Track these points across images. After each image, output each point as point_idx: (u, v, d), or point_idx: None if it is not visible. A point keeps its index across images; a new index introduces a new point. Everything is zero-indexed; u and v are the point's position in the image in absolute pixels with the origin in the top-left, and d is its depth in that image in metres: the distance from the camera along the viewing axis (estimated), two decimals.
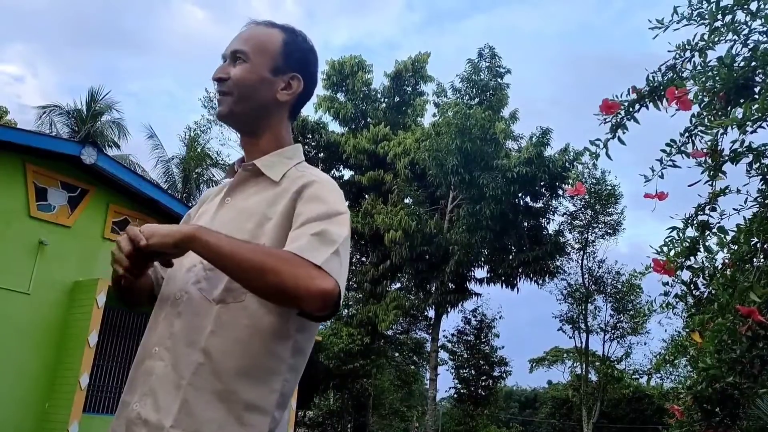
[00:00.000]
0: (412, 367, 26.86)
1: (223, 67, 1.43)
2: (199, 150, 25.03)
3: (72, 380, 8.33)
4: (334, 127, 24.88)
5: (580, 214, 24.11)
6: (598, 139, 2.98)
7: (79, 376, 8.28)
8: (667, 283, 3.17)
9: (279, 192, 1.35)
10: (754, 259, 2.80)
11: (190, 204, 22.50)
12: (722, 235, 2.85)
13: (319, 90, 25.44)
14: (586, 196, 22.86)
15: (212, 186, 24.85)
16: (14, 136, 8.72)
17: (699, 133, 2.88)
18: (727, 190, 2.86)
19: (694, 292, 3.23)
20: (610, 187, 23.65)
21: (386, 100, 24.98)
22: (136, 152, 46.42)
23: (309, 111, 25.13)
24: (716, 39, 2.83)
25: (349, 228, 1.33)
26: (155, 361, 1.26)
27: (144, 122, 48.85)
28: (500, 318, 24.22)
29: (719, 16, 2.80)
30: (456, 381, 24.03)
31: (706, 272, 3.10)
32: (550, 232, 21.50)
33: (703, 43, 2.86)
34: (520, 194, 19.99)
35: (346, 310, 23.16)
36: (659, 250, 2.88)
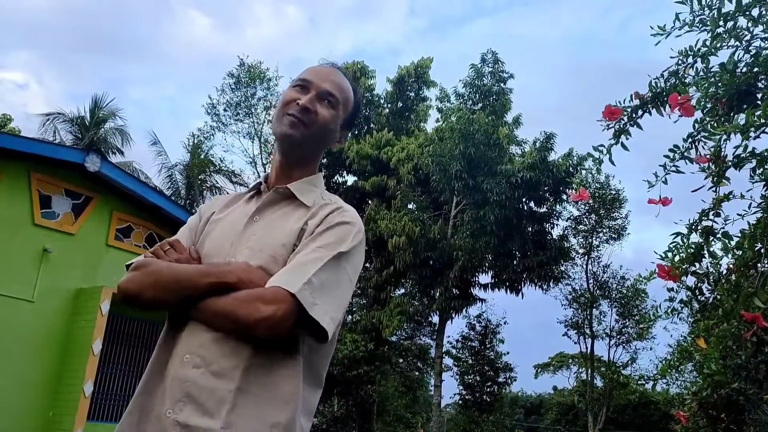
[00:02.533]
0: (417, 373, 26.80)
1: (311, 99, 1.53)
2: (202, 156, 25.10)
3: (76, 388, 8.33)
4: None
5: (585, 219, 24.07)
6: (601, 145, 2.99)
7: (83, 383, 8.29)
8: (672, 289, 3.16)
9: (305, 215, 1.47)
10: (759, 265, 2.79)
11: (193, 211, 22.50)
12: (726, 241, 2.85)
13: None
14: (591, 201, 22.82)
15: (216, 192, 25.02)
16: (19, 144, 8.76)
17: (702, 138, 2.88)
18: (730, 196, 2.86)
19: (698, 297, 3.22)
20: (614, 192, 23.62)
21: (389, 105, 25.02)
22: (139, 159, 46.61)
23: None
24: (718, 45, 2.83)
25: (354, 245, 1.43)
26: (188, 368, 1.31)
27: (148, 129, 49.01)
28: (505, 323, 24.17)
29: (721, 23, 2.80)
30: (461, 387, 23.96)
31: (711, 278, 3.09)
32: (554, 237, 21.44)
33: (706, 49, 2.86)
34: (524, 199, 19.95)
35: (350, 317, 23.15)
36: (664, 255, 2.88)
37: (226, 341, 1.30)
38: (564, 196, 20.36)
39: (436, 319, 22.09)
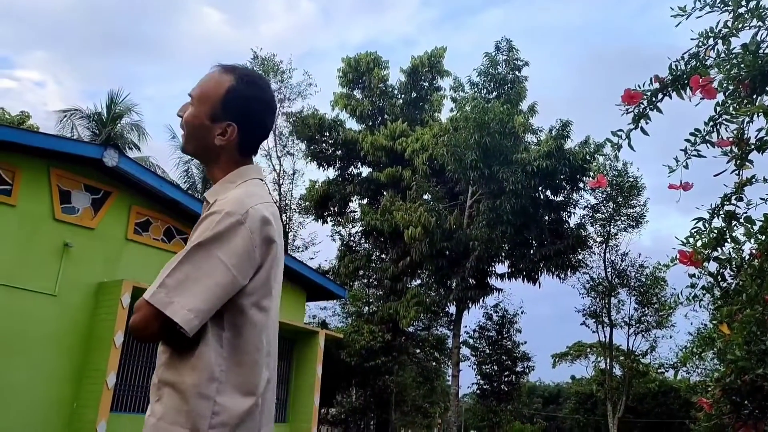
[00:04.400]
0: (434, 363, 26.82)
1: (184, 105, 1.64)
2: None
3: (99, 380, 8.45)
4: (351, 124, 24.92)
5: (602, 207, 23.83)
6: (620, 130, 2.95)
7: (105, 375, 8.40)
8: (693, 275, 3.12)
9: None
10: None
11: None
12: (749, 225, 2.81)
13: (336, 87, 25.52)
14: (608, 189, 22.59)
15: None
16: (38, 141, 8.86)
17: (724, 122, 2.83)
18: (753, 180, 2.81)
19: (721, 283, 3.18)
20: (632, 179, 23.36)
21: (403, 96, 24.94)
22: (155, 154, 46.97)
23: (326, 109, 25.22)
24: (740, 25, 2.77)
25: (219, 230, 1.44)
26: None
27: (166, 124, 49.34)
28: (522, 313, 24.12)
29: (743, 2, 2.75)
30: (478, 377, 23.97)
31: (734, 263, 3.05)
32: (571, 225, 21.29)
33: (727, 30, 2.81)
34: (540, 188, 19.81)
35: (366, 308, 23.20)
36: (685, 241, 2.84)
37: (161, 345, 1.51)
38: (581, 184, 20.19)
39: (452, 309, 22.08)
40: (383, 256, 23.76)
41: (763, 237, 2.84)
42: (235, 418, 1.42)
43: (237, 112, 1.59)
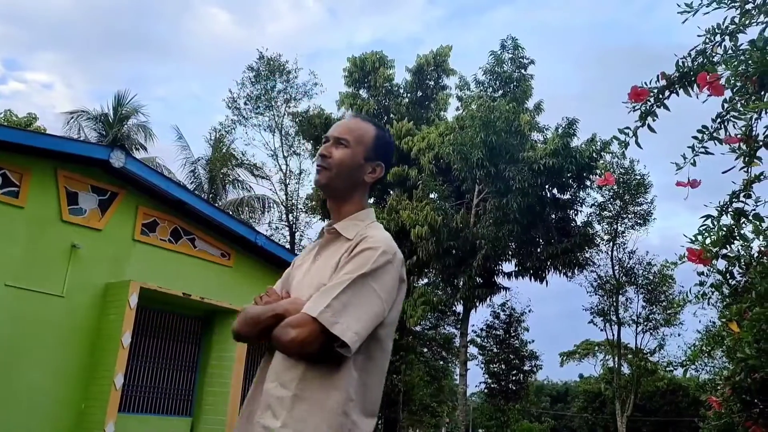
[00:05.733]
0: (442, 362, 26.82)
1: (328, 146, 1.85)
2: (224, 151, 25.26)
3: (107, 380, 8.47)
4: None
5: (609, 205, 23.78)
6: (627, 128, 2.93)
7: (113, 376, 8.42)
8: (702, 273, 3.10)
9: (346, 247, 1.73)
10: None
11: (217, 204, 22.75)
12: (758, 223, 2.79)
13: (341, 87, 25.54)
14: (615, 187, 22.52)
15: (238, 186, 25.18)
16: (45, 142, 8.89)
17: (732, 118, 2.81)
18: (762, 176, 2.79)
19: (729, 281, 3.15)
20: (639, 177, 23.28)
21: (409, 95, 24.92)
22: (162, 155, 47.06)
23: (331, 108, 25.23)
24: (747, 22, 2.75)
25: (378, 265, 1.65)
26: (269, 383, 1.66)
27: (172, 125, 49.47)
28: (529, 312, 24.09)
29: None
30: (486, 376, 23.95)
31: (742, 261, 3.03)
32: (578, 223, 21.23)
33: (734, 26, 2.79)
34: (547, 186, 19.76)
35: None
36: (694, 239, 2.82)
37: (288, 359, 1.63)
38: (588, 182, 20.13)
39: (460, 308, 22.05)
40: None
41: None
42: None
43: (383, 155, 1.90)
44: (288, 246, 24.36)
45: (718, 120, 2.83)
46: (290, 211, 26.25)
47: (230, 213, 17.89)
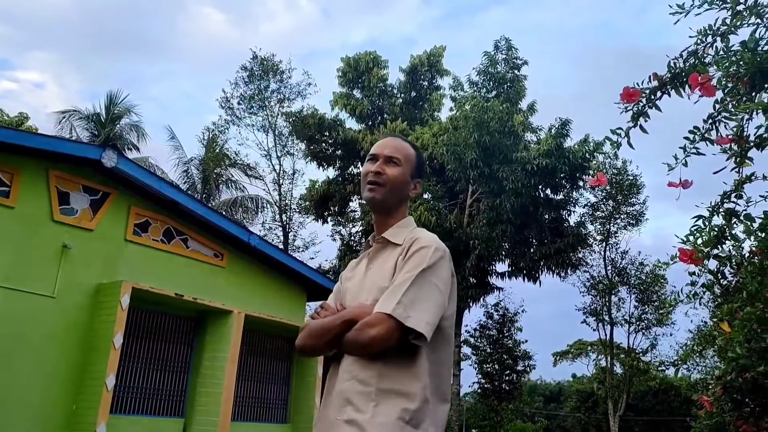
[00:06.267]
0: None
1: (380, 164, 1.99)
2: (217, 150, 25.19)
3: (99, 381, 8.43)
4: (351, 124, 24.90)
5: (602, 205, 23.86)
6: (619, 128, 2.94)
7: (105, 377, 8.38)
8: (693, 273, 3.11)
9: (399, 252, 1.89)
10: None
11: (210, 204, 22.68)
12: (749, 223, 2.80)
13: (335, 87, 25.52)
14: (608, 187, 22.59)
15: (231, 186, 25.07)
16: (36, 142, 8.84)
17: (723, 119, 2.82)
18: (753, 177, 2.80)
19: (721, 281, 3.17)
20: (631, 177, 23.37)
21: (402, 95, 24.92)
22: (154, 155, 46.91)
23: (326, 108, 25.18)
24: (739, 23, 2.76)
25: (434, 261, 1.81)
26: (344, 383, 1.77)
27: (165, 125, 49.33)
28: (523, 312, 24.09)
29: (741, 0, 2.74)
30: (479, 376, 23.95)
31: (734, 261, 3.04)
32: (571, 224, 21.30)
33: (726, 27, 2.80)
34: (540, 186, 19.81)
35: None
36: (685, 239, 2.83)
37: (360, 359, 1.75)
38: (580, 183, 20.19)
39: None
40: None
41: (763, 234, 2.83)
42: (441, 420, 1.78)
43: (421, 172, 2.09)
44: (281, 246, 24.33)
45: (710, 121, 2.84)
46: (284, 211, 26.20)
47: (223, 213, 17.84)
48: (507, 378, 23.44)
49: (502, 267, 21.99)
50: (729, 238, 2.86)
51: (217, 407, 9.74)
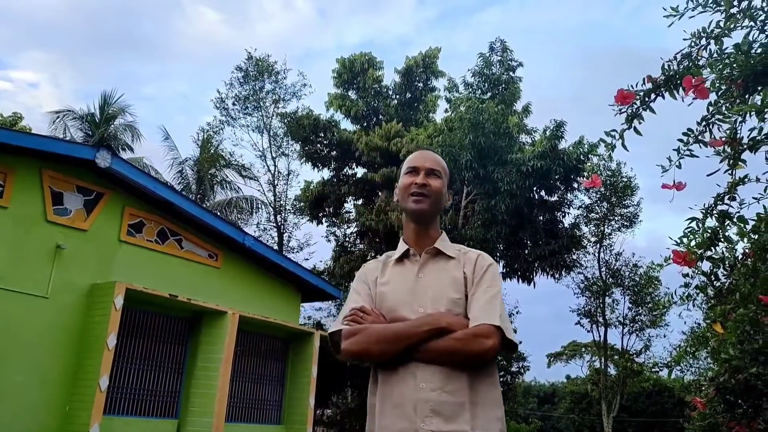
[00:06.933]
0: None
1: (424, 177, 2.08)
2: (212, 151, 25.14)
3: (92, 382, 8.40)
4: (346, 125, 24.89)
5: (596, 207, 23.89)
6: (613, 130, 2.94)
7: (98, 378, 8.36)
8: (687, 275, 3.12)
9: (456, 264, 2.01)
10: None
11: (205, 205, 22.63)
12: (742, 225, 2.81)
13: (330, 88, 25.50)
14: (602, 189, 22.65)
15: (226, 187, 24.99)
16: (30, 142, 8.81)
17: (716, 121, 2.83)
18: (746, 179, 2.81)
19: (714, 283, 3.18)
20: (625, 179, 23.42)
21: (397, 96, 24.92)
22: (149, 155, 46.74)
23: (320, 109, 25.17)
24: (732, 26, 2.77)
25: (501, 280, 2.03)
26: (428, 393, 1.79)
27: (159, 125, 49.19)
28: (517, 313, 24.12)
29: (735, 2, 2.75)
30: None
31: (727, 262, 3.05)
32: (565, 225, 21.31)
33: (719, 30, 2.81)
34: (534, 188, 19.82)
35: None
36: (679, 241, 2.84)
37: (447, 370, 1.80)
38: (575, 185, 20.22)
39: None
40: (378, 256, 23.70)
41: (756, 236, 2.84)
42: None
43: (452, 184, 2.23)
44: (276, 247, 24.29)
45: (703, 123, 2.85)
46: (278, 212, 26.16)
47: (218, 214, 17.80)
48: (501, 379, 23.46)
49: None
50: (722, 240, 2.88)
51: (211, 408, 9.72)
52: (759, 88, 2.68)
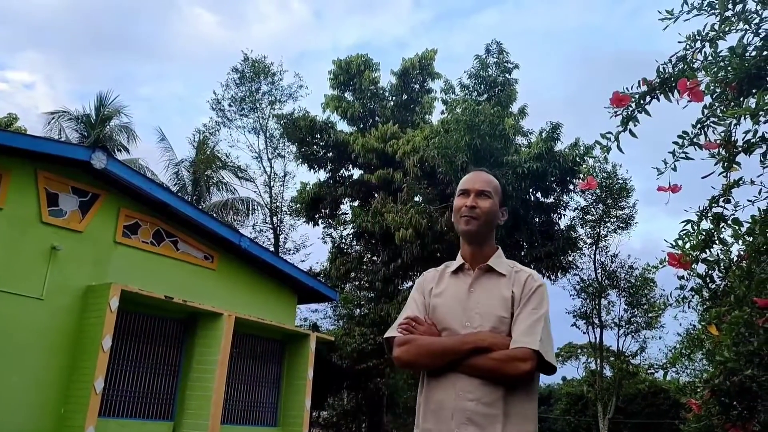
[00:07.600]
0: None
1: (473, 198, 2.19)
2: (208, 152, 25.10)
3: (87, 384, 8.38)
4: (343, 126, 24.89)
5: (592, 209, 23.94)
6: (609, 132, 2.95)
7: (93, 380, 8.33)
8: (682, 277, 3.13)
9: (507, 283, 2.09)
10: None
11: (201, 206, 22.58)
12: (737, 227, 2.82)
13: (327, 90, 25.50)
14: (598, 191, 22.70)
15: (222, 188, 24.97)
16: (25, 143, 8.79)
17: (711, 124, 2.84)
18: (741, 182, 2.82)
19: (709, 285, 3.19)
20: (621, 181, 23.48)
21: (394, 98, 24.93)
22: (145, 156, 46.67)
23: (317, 111, 25.15)
24: (727, 29, 2.78)
25: (548, 300, 2.09)
26: (465, 401, 1.92)
27: (155, 126, 49.09)
28: None
29: (730, 6, 2.76)
30: None
31: (722, 265, 3.06)
32: (561, 227, 21.34)
33: (714, 33, 2.82)
34: (530, 190, 19.85)
35: (358, 310, 23.15)
36: (674, 243, 2.85)
37: (485, 382, 1.91)
38: (571, 186, 20.26)
39: None
40: (375, 258, 23.72)
41: (751, 238, 2.85)
42: None
43: (506, 200, 2.31)
44: (272, 249, 24.26)
45: (698, 125, 2.85)
46: (275, 213, 26.14)
47: (214, 215, 17.77)
48: None
49: None
50: (717, 242, 2.89)
51: (206, 410, 9.70)
52: (753, 90, 2.69)
